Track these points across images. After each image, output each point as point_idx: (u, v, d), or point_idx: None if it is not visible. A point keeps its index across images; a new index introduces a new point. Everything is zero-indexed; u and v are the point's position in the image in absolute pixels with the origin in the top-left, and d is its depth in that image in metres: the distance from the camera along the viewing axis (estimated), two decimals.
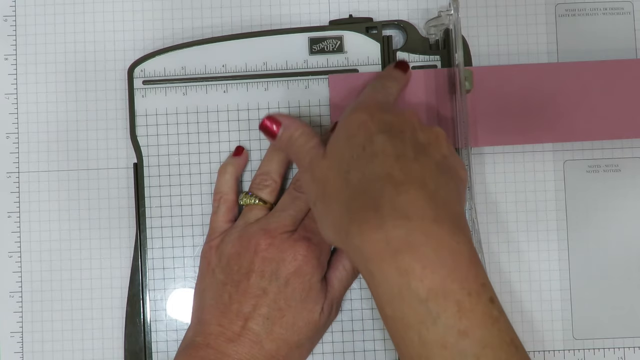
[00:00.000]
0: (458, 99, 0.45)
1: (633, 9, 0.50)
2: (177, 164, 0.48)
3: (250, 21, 0.50)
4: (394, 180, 0.35)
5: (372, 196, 0.35)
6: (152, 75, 0.48)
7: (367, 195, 0.35)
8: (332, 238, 0.37)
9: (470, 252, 0.34)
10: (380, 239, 0.34)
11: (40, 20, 0.50)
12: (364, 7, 0.50)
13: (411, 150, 0.37)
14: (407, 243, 0.33)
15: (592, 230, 0.49)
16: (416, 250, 0.33)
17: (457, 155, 0.40)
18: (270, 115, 0.42)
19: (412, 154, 0.36)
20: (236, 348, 0.41)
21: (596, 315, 0.48)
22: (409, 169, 0.36)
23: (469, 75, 0.46)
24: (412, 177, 0.35)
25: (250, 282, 0.42)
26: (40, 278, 0.48)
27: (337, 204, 0.36)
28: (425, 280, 0.33)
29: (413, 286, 0.33)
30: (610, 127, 0.47)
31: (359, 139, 0.37)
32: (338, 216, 0.36)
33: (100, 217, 0.49)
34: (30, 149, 0.49)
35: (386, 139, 0.36)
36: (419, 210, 0.34)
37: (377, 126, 0.37)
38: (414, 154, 0.36)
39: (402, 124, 0.38)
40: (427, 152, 0.37)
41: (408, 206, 0.34)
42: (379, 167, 0.36)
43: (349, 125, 0.38)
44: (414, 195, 0.34)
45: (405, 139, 0.37)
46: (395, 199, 0.34)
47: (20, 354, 0.48)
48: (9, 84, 0.49)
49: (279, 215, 0.43)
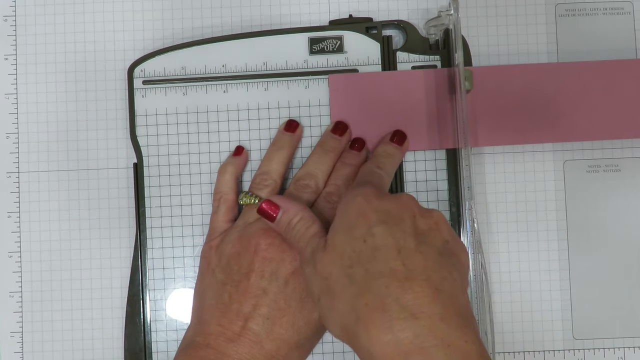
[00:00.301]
0: (458, 99, 0.45)
1: (633, 9, 0.50)
2: (177, 164, 0.48)
3: (250, 21, 0.50)
4: (398, 277, 0.35)
5: (377, 295, 0.35)
6: (152, 75, 0.48)
7: (373, 294, 0.35)
8: (339, 336, 0.37)
9: (478, 350, 0.34)
10: (389, 341, 0.34)
11: (40, 20, 0.50)
12: (364, 7, 0.50)
13: (412, 239, 0.37)
14: (418, 345, 0.33)
15: (592, 230, 0.49)
16: (426, 353, 0.33)
17: (458, 239, 0.40)
18: (268, 199, 0.42)
19: (413, 244, 0.36)
20: (236, 348, 0.41)
21: (596, 315, 0.48)
22: (412, 262, 0.36)
23: (469, 75, 0.46)
24: (416, 271, 0.35)
25: (250, 282, 0.42)
26: (40, 278, 0.48)
27: (341, 303, 0.36)
28: None
29: None
30: (610, 127, 0.47)
31: (359, 231, 0.37)
32: (344, 315, 0.36)
33: (100, 217, 0.49)
34: (30, 149, 0.49)
35: (386, 230, 0.37)
36: (425, 308, 0.34)
37: (376, 215, 0.37)
38: (415, 244, 0.36)
39: (400, 211, 0.38)
40: (428, 239, 0.37)
41: (414, 304, 0.34)
42: (382, 263, 0.36)
43: (347, 215, 0.38)
44: (420, 292, 0.35)
45: (405, 228, 0.37)
46: (401, 298, 0.34)
47: (20, 354, 0.48)
48: (9, 84, 0.49)
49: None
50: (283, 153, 0.46)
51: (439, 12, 0.47)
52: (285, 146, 0.46)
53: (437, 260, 0.36)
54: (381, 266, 0.36)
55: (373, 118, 0.47)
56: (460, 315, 0.35)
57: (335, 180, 0.45)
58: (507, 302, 0.48)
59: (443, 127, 0.47)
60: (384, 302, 0.34)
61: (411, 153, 0.47)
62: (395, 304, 0.34)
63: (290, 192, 0.45)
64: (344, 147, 0.46)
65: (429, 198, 0.47)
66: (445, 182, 0.47)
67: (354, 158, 0.46)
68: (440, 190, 0.47)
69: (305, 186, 0.44)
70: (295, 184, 0.45)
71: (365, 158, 0.47)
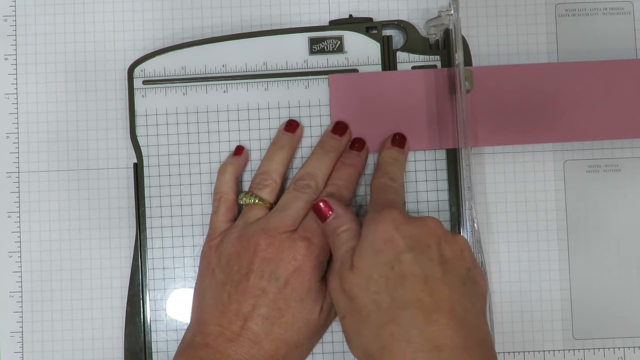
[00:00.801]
0: (458, 99, 0.45)
1: (633, 9, 0.50)
2: (177, 164, 0.48)
3: (250, 21, 0.50)
4: (424, 308, 0.36)
5: (403, 325, 0.35)
6: (152, 75, 0.48)
7: (398, 324, 0.36)
8: (361, 359, 0.38)
9: None
10: None
11: (40, 20, 0.50)
12: (364, 7, 0.50)
13: (438, 268, 0.37)
14: None
15: (592, 230, 0.49)
16: None
17: (478, 265, 0.40)
18: (325, 199, 0.42)
19: (439, 273, 0.37)
20: (235, 348, 0.41)
21: (596, 315, 0.48)
22: (438, 293, 0.36)
23: (469, 75, 0.46)
24: (441, 303, 0.36)
25: (250, 282, 0.42)
26: (40, 278, 0.48)
27: (366, 328, 0.37)
28: None
29: None
30: (610, 127, 0.47)
31: (387, 257, 0.37)
32: (369, 341, 0.37)
33: (100, 217, 0.49)
34: (30, 149, 0.49)
35: (413, 259, 0.37)
36: (449, 341, 0.35)
37: (404, 242, 0.38)
38: (441, 274, 0.37)
39: (427, 237, 0.38)
40: (453, 268, 0.38)
41: (438, 337, 0.35)
42: (409, 293, 0.36)
43: (375, 239, 0.38)
44: (444, 324, 0.35)
45: (432, 255, 0.38)
46: (426, 330, 0.35)
47: (20, 354, 0.48)
48: (9, 84, 0.49)
49: (279, 215, 0.43)
50: (283, 153, 0.46)
51: (439, 12, 0.47)
52: (286, 146, 0.46)
53: (461, 291, 0.37)
54: (408, 296, 0.36)
55: (373, 118, 0.47)
56: (481, 346, 0.36)
57: (336, 180, 0.45)
58: (507, 302, 0.48)
59: (443, 127, 0.47)
60: (408, 333, 0.35)
61: (411, 153, 0.47)
62: (420, 336, 0.35)
63: (290, 192, 0.45)
64: (344, 147, 0.46)
65: (429, 198, 0.47)
66: (445, 182, 0.47)
67: (354, 158, 0.46)
68: (440, 190, 0.47)
69: (305, 186, 0.44)
70: (296, 184, 0.45)
71: (366, 158, 0.47)
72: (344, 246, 0.40)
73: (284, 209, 0.43)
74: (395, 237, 0.38)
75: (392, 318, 0.36)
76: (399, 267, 0.37)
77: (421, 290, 0.36)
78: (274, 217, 0.43)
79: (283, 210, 0.43)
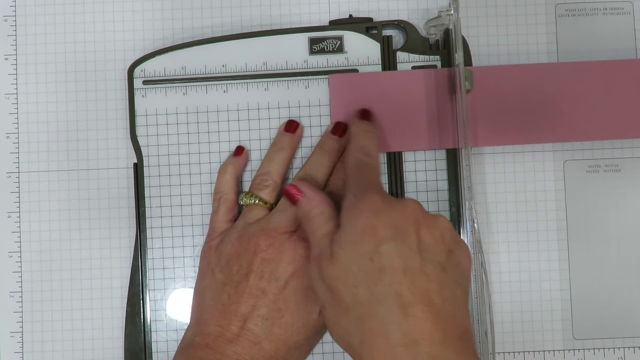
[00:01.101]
0: (458, 99, 0.45)
1: (633, 9, 0.50)
2: (177, 164, 0.48)
3: (250, 21, 0.50)
4: (401, 302, 0.35)
5: (381, 320, 0.35)
6: (152, 75, 0.48)
7: (376, 319, 0.35)
8: (343, 348, 0.38)
9: None
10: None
11: (40, 20, 0.50)
12: (364, 7, 0.50)
13: (417, 257, 0.37)
14: None
15: (592, 230, 0.49)
16: None
17: (462, 242, 0.39)
18: (294, 184, 0.42)
19: (418, 262, 0.37)
20: (235, 348, 0.41)
21: (596, 315, 0.48)
22: (416, 285, 0.36)
23: (469, 75, 0.46)
24: (419, 295, 0.36)
25: (250, 283, 0.41)
26: (40, 278, 0.48)
27: (346, 320, 0.37)
28: None
29: None
30: (610, 127, 0.47)
31: (366, 248, 0.37)
32: (349, 334, 0.37)
33: (100, 217, 0.49)
34: (30, 149, 0.49)
35: (393, 249, 0.37)
36: (426, 335, 0.35)
37: (384, 231, 0.37)
38: (420, 261, 0.37)
39: (406, 222, 0.38)
40: (433, 254, 0.37)
41: (416, 331, 0.35)
42: (387, 286, 0.36)
43: (354, 228, 0.38)
44: (422, 317, 0.35)
45: (412, 244, 0.37)
46: (404, 324, 0.35)
47: (20, 354, 0.48)
48: (9, 84, 0.49)
49: (279, 215, 0.43)
50: (283, 153, 0.46)
51: (439, 12, 0.47)
52: (286, 147, 0.46)
53: (440, 280, 0.37)
54: (386, 290, 0.36)
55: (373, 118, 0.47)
56: (460, 337, 0.35)
57: (337, 180, 0.45)
58: (507, 302, 0.48)
59: (443, 127, 0.47)
60: (387, 328, 0.35)
61: (411, 153, 0.47)
62: (398, 330, 0.35)
63: None
64: (344, 148, 0.46)
65: (429, 198, 0.47)
66: (445, 182, 0.47)
67: None
68: (440, 190, 0.47)
69: None
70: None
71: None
72: (318, 231, 0.40)
73: (284, 210, 0.43)
74: (375, 227, 0.37)
75: (370, 312, 0.36)
76: (378, 259, 0.37)
77: (399, 283, 0.36)
78: (274, 218, 0.43)
79: (283, 211, 0.43)
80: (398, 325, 0.35)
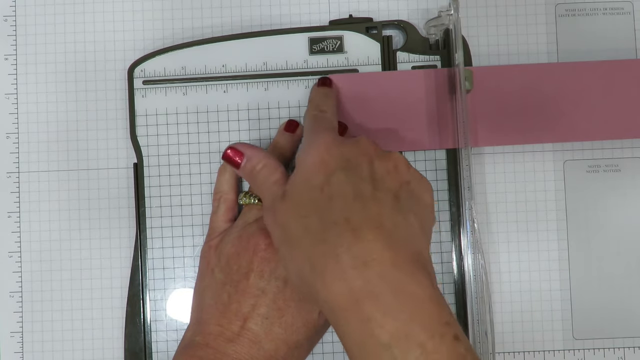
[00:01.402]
0: (458, 99, 0.45)
1: (633, 9, 0.50)
2: (177, 164, 0.48)
3: (250, 21, 0.50)
4: (351, 226, 0.35)
5: (331, 244, 0.35)
6: (152, 75, 0.48)
7: (326, 244, 0.35)
8: (299, 286, 0.37)
9: (431, 292, 0.34)
10: (343, 291, 0.34)
11: (40, 20, 0.50)
12: (364, 7, 0.50)
13: (369, 185, 0.37)
14: (368, 291, 0.34)
15: (592, 230, 0.49)
16: (376, 298, 0.33)
17: (422, 177, 0.39)
18: (232, 145, 0.43)
19: (369, 190, 0.36)
20: (235, 348, 0.41)
21: (596, 315, 0.48)
22: (367, 210, 0.36)
23: (469, 75, 0.46)
24: (370, 219, 0.35)
25: (249, 282, 0.42)
26: (40, 278, 0.48)
27: (299, 252, 0.36)
28: (387, 327, 0.33)
29: (376, 333, 0.33)
30: (610, 127, 0.47)
31: (318, 179, 0.37)
32: (301, 265, 0.36)
33: (100, 217, 0.49)
34: (30, 149, 0.49)
35: (343, 178, 0.37)
36: (376, 255, 0.34)
37: (335, 163, 0.37)
38: (371, 190, 0.36)
39: (358, 155, 0.38)
40: (385, 184, 0.37)
41: (366, 253, 0.34)
42: (337, 212, 0.36)
43: (307, 164, 0.38)
44: (372, 240, 0.35)
45: (363, 173, 0.37)
46: (354, 247, 0.34)
47: (20, 354, 0.48)
48: (9, 84, 0.49)
49: None
50: (283, 153, 0.46)
51: (439, 12, 0.47)
52: (286, 146, 0.46)
53: (392, 206, 0.36)
54: (335, 215, 0.36)
55: (373, 118, 0.47)
56: (414, 261, 0.35)
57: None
58: (507, 302, 0.48)
59: (443, 127, 0.47)
60: (336, 251, 0.35)
61: (411, 153, 0.47)
62: (348, 253, 0.34)
63: None
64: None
65: None
66: (445, 182, 0.47)
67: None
68: (440, 190, 0.47)
69: None
70: None
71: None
72: (267, 181, 0.40)
73: None
74: (326, 160, 0.37)
75: (320, 239, 0.35)
76: (328, 188, 0.36)
77: (349, 209, 0.36)
78: None
79: None
80: (348, 247, 0.34)
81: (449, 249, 0.47)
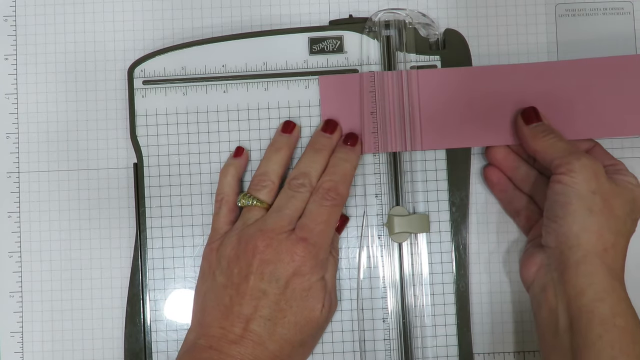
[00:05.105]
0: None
1: (633, 9, 0.50)
2: (177, 164, 0.48)
3: (250, 21, 0.50)
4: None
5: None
6: (152, 75, 0.48)
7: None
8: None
9: None
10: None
11: (40, 20, 0.50)
12: (364, 7, 0.50)
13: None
14: None
15: None
16: None
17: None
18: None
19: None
20: (239, 349, 0.41)
21: None
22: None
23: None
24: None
25: (250, 284, 0.42)
26: (40, 278, 0.48)
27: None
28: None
29: None
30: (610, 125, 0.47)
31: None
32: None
33: (100, 217, 0.49)
34: (30, 149, 0.49)
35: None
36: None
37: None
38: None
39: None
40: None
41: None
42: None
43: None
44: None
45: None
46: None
47: (20, 354, 0.48)
48: (9, 84, 0.49)
49: (276, 215, 0.43)
50: (281, 154, 0.46)
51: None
52: (283, 147, 0.46)
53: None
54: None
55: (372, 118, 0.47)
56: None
57: (332, 176, 0.45)
58: (507, 302, 0.48)
59: (443, 127, 0.47)
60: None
61: (411, 153, 0.47)
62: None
63: (285, 192, 0.44)
64: (335, 145, 0.46)
65: (429, 198, 0.47)
66: (446, 182, 0.47)
67: (348, 153, 0.46)
68: (440, 190, 0.47)
69: (299, 185, 0.44)
70: (290, 184, 0.45)
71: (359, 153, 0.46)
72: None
73: (279, 210, 0.43)
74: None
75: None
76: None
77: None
78: (271, 218, 0.43)
79: (279, 211, 0.43)
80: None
81: (449, 249, 0.47)
